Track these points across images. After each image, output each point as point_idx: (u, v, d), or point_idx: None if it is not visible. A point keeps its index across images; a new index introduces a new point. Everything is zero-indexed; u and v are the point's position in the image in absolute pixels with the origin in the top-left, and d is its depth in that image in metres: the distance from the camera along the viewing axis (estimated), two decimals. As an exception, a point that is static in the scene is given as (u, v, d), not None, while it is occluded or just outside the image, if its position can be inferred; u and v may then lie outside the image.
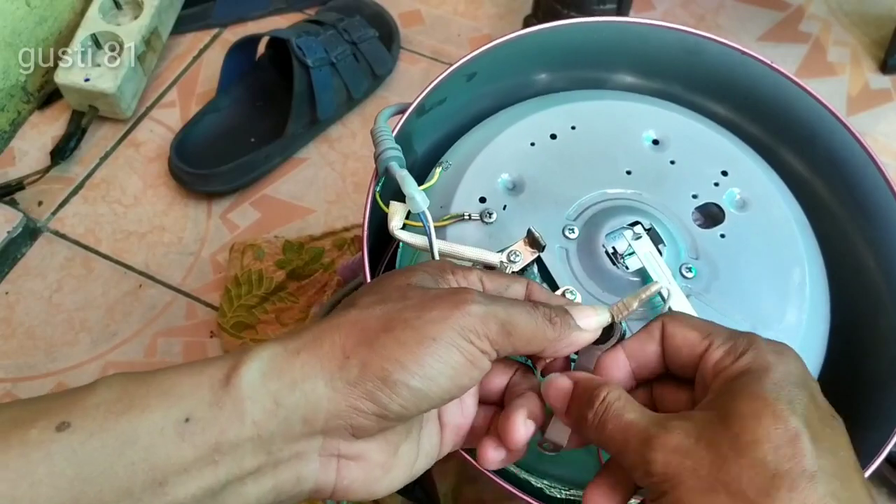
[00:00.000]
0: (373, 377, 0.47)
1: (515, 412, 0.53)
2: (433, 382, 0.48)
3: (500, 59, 0.83)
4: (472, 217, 0.73)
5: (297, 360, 0.48)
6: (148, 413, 0.45)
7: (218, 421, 0.46)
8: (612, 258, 0.70)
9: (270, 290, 1.19)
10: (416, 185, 0.65)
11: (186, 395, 0.46)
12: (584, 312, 0.55)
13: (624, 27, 0.85)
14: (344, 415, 0.47)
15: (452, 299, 0.50)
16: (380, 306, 0.51)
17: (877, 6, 1.52)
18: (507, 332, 0.50)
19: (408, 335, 0.48)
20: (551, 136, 0.78)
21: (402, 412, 0.48)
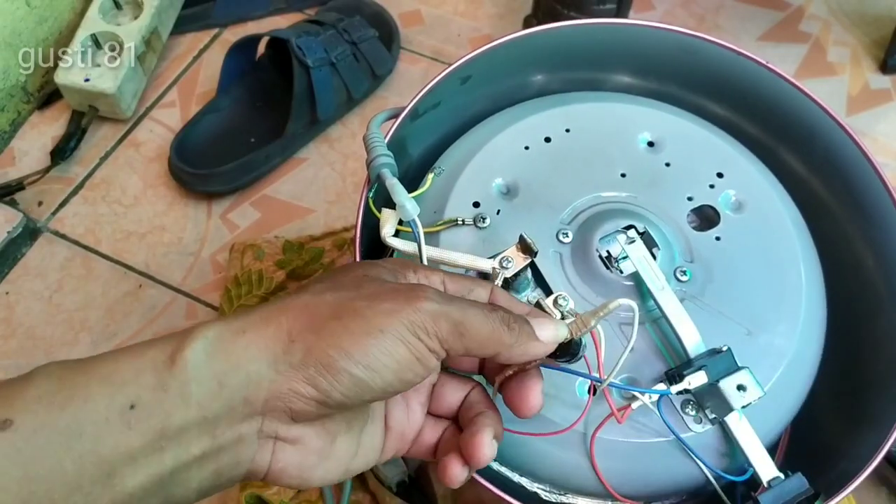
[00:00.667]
0: (316, 362, 0.46)
1: (482, 432, 0.54)
2: (376, 374, 0.47)
3: (495, 62, 0.83)
4: (465, 222, 0.73)
5: (242, 339, 0.47)
6: (91, 402, 0.44)
7: (163, 405, 0.45)
8: (605, 262, 0.70)
9: (270, 290, 1.18)
10: (407, 193, 0.65)
11: (129, 380, 0.45)
12: (543, 324, 0.54)
13: (620, 28, 0.85)
14: (284, 397, 0.47)
15: (407, 294, 0.50)
16: (331, 293, 0.50)
17: (877, 6, 1.51)
18: (460, 332, 0.49)
19: (356, 324, 0.47)
20: (546, 139, 0.78)
21: (343, 400, 0.47)
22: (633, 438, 0.65)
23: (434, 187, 0.76)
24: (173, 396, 0.45)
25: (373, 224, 0.70)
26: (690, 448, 0.64)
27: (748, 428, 0.65)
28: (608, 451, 0.65)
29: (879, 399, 0.74)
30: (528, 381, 0.55)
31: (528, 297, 0.70)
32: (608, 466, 0.65)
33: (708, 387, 0.64)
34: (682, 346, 0.66)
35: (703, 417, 0.65)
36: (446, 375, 0.59)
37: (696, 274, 0.71)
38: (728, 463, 0.66)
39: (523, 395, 0.54)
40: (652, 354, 0.68)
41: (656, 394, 0.64)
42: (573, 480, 0.67)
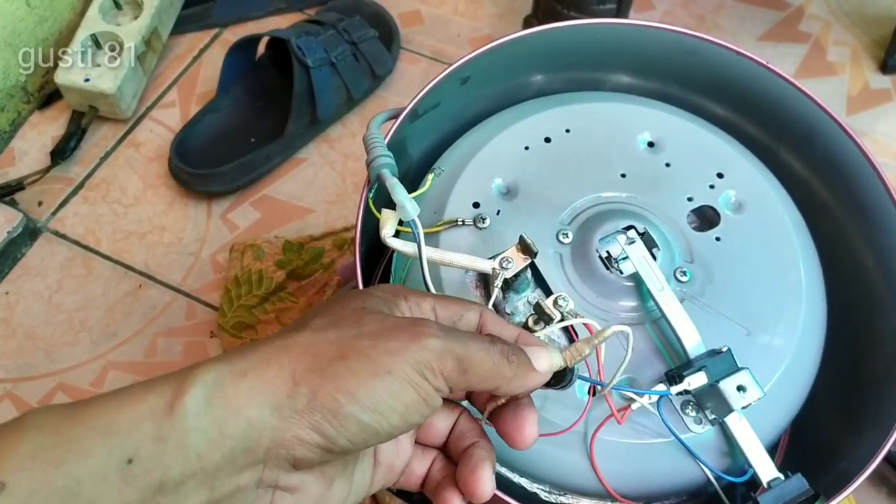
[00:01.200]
0: (322, 408, 0.45)
1: (481, 467, 0.53)
2: (384, 418, 0.46)
3: (495, 63, 0.83)
4: (465, 223, 0.73)
5: (244, 383, 0.45)
6: (89, 459, 0.41)
7: (162, 458, 0.42)
8: (605, 263, 0.70)
9: (270, 290, 1.19)
10: (407, 194, 0.65)
11: (127, 430, 0.43)
12: (539, 354, 0.53)
13: (620, 28, 0.85)
14: (287, 444, 0.45)
15: (410, 330, 0.48)
16: (333, 330, 0.48)
17: (877, 6, 1.51)
18: (464, 368, 0.48)
19: (362, 365, 0.46)
20: (545, 139, 0.78)
21: (349, 446, 0.46)
22: (633, 439, 0.65)
23: (434, 188, 0.76)
24: (172, 448, 0.43)
25: (373, 224, 0.70)
26: (690, 449, 0.64)
27: (748, 428, 0.65)
28: (608, 452, 0.65)
29: (879, 399, 0.74)
30: (522, 412, 0.53)
31: (528, 297, 0.70)
32: (608, 467, 0.65)
33: (708, 387, 0.64)
34: (681, 346, 0.66)
35: (703, 418, 0.65)
36: None
37: (696, 274, 0.71)
38: (728, 463, 0.66)
39: (519, 427, 0.53)
40: (652, 355, 0.68)
41: (656, 395, 0.64)
42: (573, 481, 0.67)
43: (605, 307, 0.70)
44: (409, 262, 0.74)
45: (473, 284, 0.71)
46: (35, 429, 0.43)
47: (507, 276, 0.64)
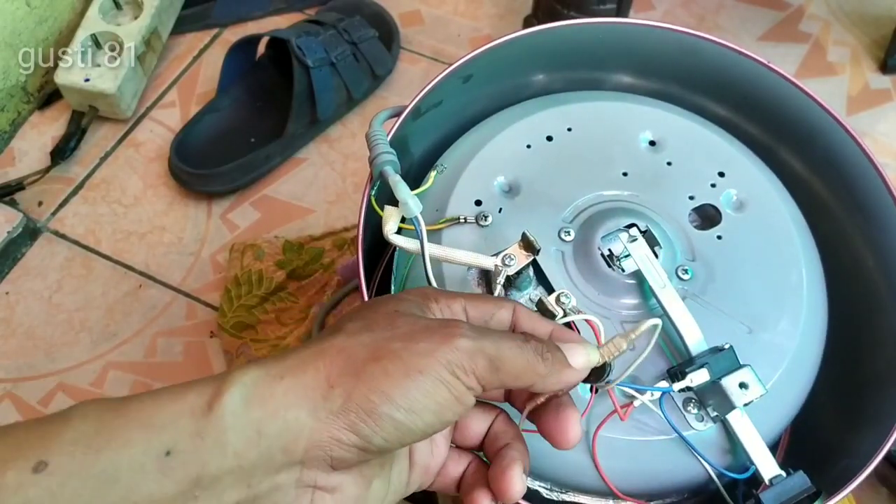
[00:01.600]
0: (357, 408, 0.46)
1: (512, 467, 0.53)
2: (418, 416, 0.46)
3: (497, 61, 0.83)
4: (467, 220, 0.73)
5: (280, 386, 0.46)
6: (128, 448, 0.43)
7: (199, 453, 0.44)
8: (607, 261, 0.70)
9: (270, 290, 1.19)
10: (409, 191, 0.65)
11: (167, 425, 0.44)
12: (575, 351, 0.53)
13: (621, 28, 0.85)
14: (325, 445, 0.46)
15: (441, 332, 0.48)
16: (367, 333, 0.49)
17: (877, 6, 1.51)
18: (496, 367, 0.49)
19: (395, 366, 0.46)
20: (547, 137, 0.78)
21: (385, 445, 0.47)
22: (635, 436, 0.65)
23: (436, 185, 0.76)
24: (210, 444, 0.44)
25: (375, 222, 0.70)
26: (693, 445, 0.64)
27: (750, 426, 0.65)
28: (610, 449, 0.65)
29: (880, 398, 0.74)
30: (564, 412, 0.54)
31: (529, 295, 0.70)
32: (610, 464, 0.65)
33: (710, 385, 0.64)
34: (683, 343, 0.66)
35: (705, 415, 0.65)
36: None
37: (698, 272, 0.71)
38: (730, 461, 0.66)
39: (562, 427, 0.53)
40: (654, 352, 0.68)
41: (658, 391, 0.64)
42: (574, 478, 0.67)
43: (606, 305, 0.70)
44: (412, 259, 0.74)
45: (475, 282, 0.71)
46: (80, 418, 0.44)
47: (510, 273, 0.64)
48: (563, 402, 0.54)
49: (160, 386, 0.99)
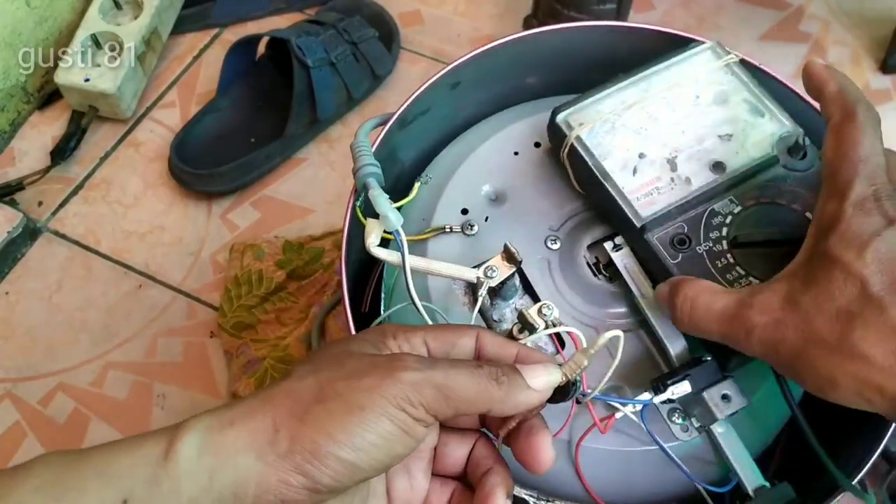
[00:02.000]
0: (302, 450, 0.46)
1: (494, 494, 0.53)
2: (364, 453, 0.46)
3: (485, 67, 0.83)
4: (453, 229, 0.73)
5: (231, 432, 0.47)
6: (85, 495, 0.44)
7: (155, 500, 0.44)
8: (593, 269, 0.70)
9: (270, 290, 1.19)
10: (390, 204, 0.64)
11: (124, 474, 0.45)
12: (534, 372, 0.53)
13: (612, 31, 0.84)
14: (274, 489, 0.46)
15: (385, 367, 0.48)
16: (312, 376, 0.49)
17: (877, 6, 1.51)
18: (445, 395, 0.48)
19: (337, 405, 0.47)
20: (535, 144, 0.78)
21: (334, 485, 0.46)
22: (618, 447, 0.66)
23: (422, 194, 0.76)
24: (165, 491, 0.45)
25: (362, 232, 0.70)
26: (674, 458, 0.64)
27: (734, 437, 0.65)
28: (593, 460, 0.65)
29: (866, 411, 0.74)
30: (535, 436, 0.53)
31: (515, 304, 0.70)
32: (593, 474, 0.65)
33: (693, 395, 0.64)
34: (667, 354, 0.66)
35: (689, 426, 0.65)
36: (447, 433, 0.58)
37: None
38: (715, 471, 0.66)
39: (533, 452, 0.53)
40: (640, 362, 0.68)
41: (639, 404, 0.64)
42: (559, 488, 0.67)
43: (592, 314, 0.70)
44: (397, 271, 0.74)
45: (462, 292, 0.71)
46: (42, 466, 0.45)
47: (493, 284, 0.64)
48: (535, 426, 0.54)
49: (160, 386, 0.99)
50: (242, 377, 1.11)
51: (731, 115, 0.72)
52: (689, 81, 0.73)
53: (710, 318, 0.58)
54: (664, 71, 0.74)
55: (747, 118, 0.71)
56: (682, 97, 0.73)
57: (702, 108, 0.72)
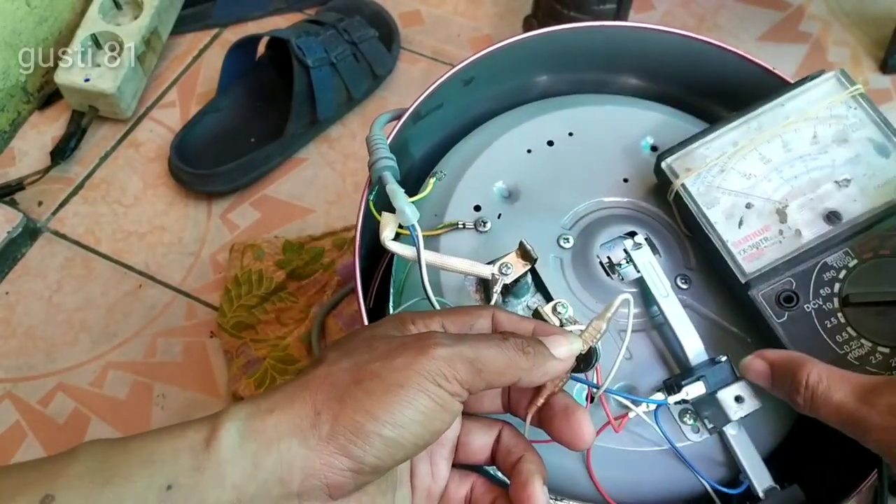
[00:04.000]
0: (344, 430, 0.46)
1: (532, 481, 0.53)
2: (405, 430, 0.47)
3: (499, 64, 0.82)
4: (466, 226, 0.73)
5: (271, 419, 0.47)
6: (131, 482, 0.44)
7: (199, 486, 0.45)
8: (606, 269, 0.70)
9: (270, 290, 1.19)
10: (406, 198, 0.64)
11: (168, 460, 0.45)
12: (556, 341, 0.54)
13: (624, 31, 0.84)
14: (319, 473, 0.46)
15: (416, 345, 0.49)
16: (346, 359, 0.50)
17: (877, 6, 1.51)
18: (478, 369, 0.49)
19: (375, 384, 0.47)
20: (548, 142, 0.78)
21: (378, 463, 0.47)
22: (630, 447, 0.66)
23: (435, 190, 0.76)
24: (209, 478, 0.45)
25: (374, 225, 0.70)
26: (686, 459, 0.64)
27: (745, 439, 0.65)
28: (605, 459, 0.65)
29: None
30: (574, 414, 0.54)
31: (527, 302, 0.70)
32: (605, 474, 0.65)
33: (706, 396, 0.64)
34: (683, 354, 0.66)
35: (701, 427, 0.65)
36: (470, 421, 0.58)
37: (697, 282, 0.71)
38: (725, 473, 0.66)
39: (574, 429, 0.54)
40: (653, 362, 0.69)
41: (653, 404, 0.64)
42: (570, 487, 0.67)
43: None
44: (409, 265, 0.74)
45: (474, 288, 0.71)
46: (85, 454, 0.46)
47: (507, 281, 0.64)
48: (571, 405, 0.55)
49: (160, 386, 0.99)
50: (242, 377, 1.11)
51: (852, 156, 0.70)
52: (807, 118, 0.71)
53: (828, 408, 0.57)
54: (779, 107, 0.72)
55: (870, 159, 0.69)
56: (798, 136, 0.71)
57: (819, 148, 0.70)
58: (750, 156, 0.71)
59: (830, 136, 0.71)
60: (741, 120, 0.72)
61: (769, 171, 0.70)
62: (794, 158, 0.70)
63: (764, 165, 0.70)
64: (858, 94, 0.71)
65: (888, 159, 0.69)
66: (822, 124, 0.71)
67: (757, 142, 0.71)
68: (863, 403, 0.54)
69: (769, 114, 0.72)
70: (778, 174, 0.70)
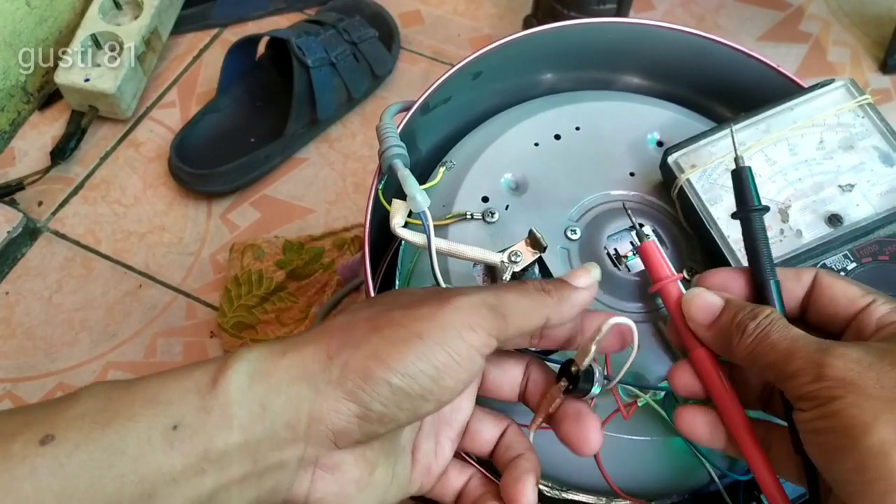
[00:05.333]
0: (353, 375, 0.46)
1: (525, 479, 0.54)
2: (413, 380, 0.47)
3: (507, 59, 0.82)
4: (474, 216, 0.73)
5: (283, 361, 0.47)
6: (135, 422, 0.44)
7: (206, 427, 0.45)
8: (613, 260, 0.70)
9: (270, 290, 1.19)
10: (418, 185, 0.64)
11: (174, 400, 0.45)
12: (576, 274, 0.55)
13: (631, 28, 0.84)
14: (325, 418, 0.47)
15: (441, 295, 0.50)
16: (367, 309, 0.50)
17: (877, 6, 1.52)
18: (502, 314, 0.49)
19: (394, 332, 0.47)
20: (555, 136, 0.79)
21: (383, 411, 0.47)
22: (638, 435, 0.65)
23: (444, 181, 0.76)
24: (216, 418, 0.45)
25: (378, 218, 0.70)
26: (695, 447, 0.64)
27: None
28: (612, 448, 0.65)
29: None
30: (584, 419, 0.54)
31: (534, 294, 0.70)
32: (612, 463, 0.65)
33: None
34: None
35: (708, 414, 0.65)
36: (482, 411, 0.59)
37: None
38: (732, 461, 0.66)
39: (582, 434, 0.54)
40: (659, 351, 0.68)
41: (662, 391, 0.64)
42: (575, 477, 0.66)
43: (611, 304, 0.70)
44: (417, 254, 0.74)
45: (481, 278, 0.71)
46: (87, 395, 0.45)
47: (516, 269, 0.64)
48: (583, 411, 0.55)
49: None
50: (243, 378, 1.10)
51: (857, 163, 0.70)
52: (815, 123, 0.72)
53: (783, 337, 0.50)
54: (788, 111, 0.72)
55: (875, 167, 0.69)
56: (805, 141, 0.71)
57: (825, 154, 0.70)
58: (756, 156, 0.71)
59: (836, 143, 0.71)
60: (750, 121, 0.72)
61: (774, 173, 0.70)
62: (800, 162, 0.70)
63: (769, 167, 0.70)
64: (866, 103, 0.71)
65: (892, 168, 0.69)
66: (830, 131, 0.71)
67: (764, 143, 0.71)
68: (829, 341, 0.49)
69: (777, 117, 0.72)
70: (782, 176, 0.70)
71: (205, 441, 0.44)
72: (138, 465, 0.43)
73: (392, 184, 0.68)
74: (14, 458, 0.42)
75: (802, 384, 0.47)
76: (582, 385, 0.54)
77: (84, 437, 0.43)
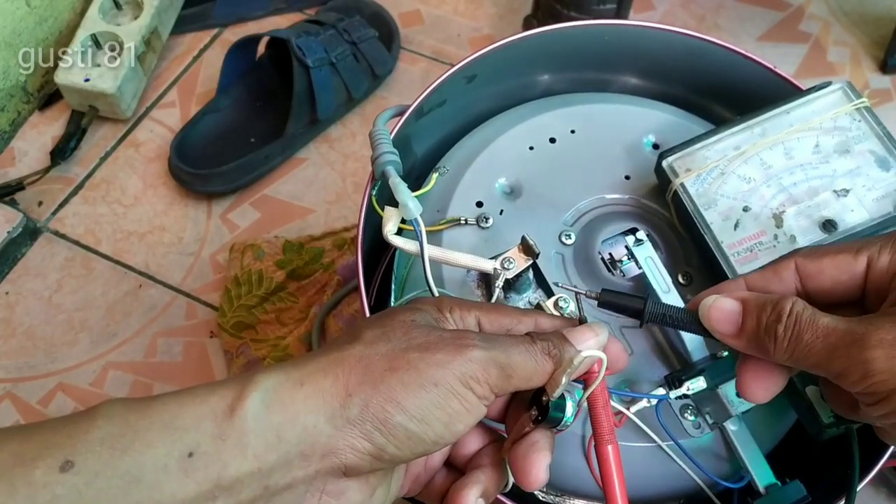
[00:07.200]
0: (373, 417, 0.47)
1: (469, 488, 0.54)
2: (429, 427, 0.48)
3: (501, 61, 0.83)
4: (468, 222, 0.73)
5: (301, 392, 0.47)
6: (152, 449, 0.44)
7: (221, 455, 0.45)
8: (608, 265, 0.70)
9: (270, 290, 1.19)
10: (410, 193, 0.65)
11: (190, 427, 0.45)
12: (583, 335, 0.54)
13: (627, 30, 0.84)
14: (340, 453, 0.47)
15: (455, 343, 0.50)
16: (384, 343, 0.50)
17: (877, 6, 1.51)
18: (508, 374, 0.50)
19: (411, 377, 0.48)
20: (550, 139, 0.79)
21: (397, 454, 0.48)
22: (631, 442, 0.65)
23: (438, 186, 0.77)
24: (231, 446, 0.45)
25: (376, 222, 0.70)
26: (687, 453, 0.64)
27: (747, 434, 0.65)
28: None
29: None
30: (533, 454, 0.53)
31: (529, 298, 0.70)
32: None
33: (707, 392, 0.63)
34: (685, 350, 0.66)
35: (702, 422, 0.65)
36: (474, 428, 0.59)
37: (697, 278, 0.71)
38: (726, 468, 0.66)
39: (526, 468, 0.53)
40: (653, 357, 0.68)
41: (654, 398, 0.64)
42: (570, 482, 0.67)
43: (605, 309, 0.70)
44: (412, 260, 0.74)
45: (475, 284, 0.71)
46: (105, 418, 0.45)
47: (509, 276, 0.64)
48: (539, 445, 0.54)
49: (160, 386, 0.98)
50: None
51: (853, 167, 0.70)
52: (811, 127, 0.71)
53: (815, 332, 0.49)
54: (784, 114, 0.72)
55: (870, 171, 0.69)
56: (801, 144, 0.71)
57: (821, 158, 0.70)
58: (751, 160, 0.71)
59: (832, 147, 0.71)
60: (745, 124, 0.72)
61: (769, 177, 0.70)
62: (795, 166, 0.70)
63: (764, 171, 0.70)
64: (863, 107, 0.72)
65: (888, 172, 0.69)
66: (826, 134, 0.71)
67: (759, 147, 0.71)
68: (863, 325, 0.48)
69: (773, 120, 0.72)
70: (777, 180, 0.70)
71: (219, 469, 0.45)
72: (153, 492, 0.44)
73: (386, 189, 0.68)
74: (36, 485, 0.42)
75: (854, 382, 0.48)
76: (552, 415, 0.53)
77: (103, 465, 0.43)
